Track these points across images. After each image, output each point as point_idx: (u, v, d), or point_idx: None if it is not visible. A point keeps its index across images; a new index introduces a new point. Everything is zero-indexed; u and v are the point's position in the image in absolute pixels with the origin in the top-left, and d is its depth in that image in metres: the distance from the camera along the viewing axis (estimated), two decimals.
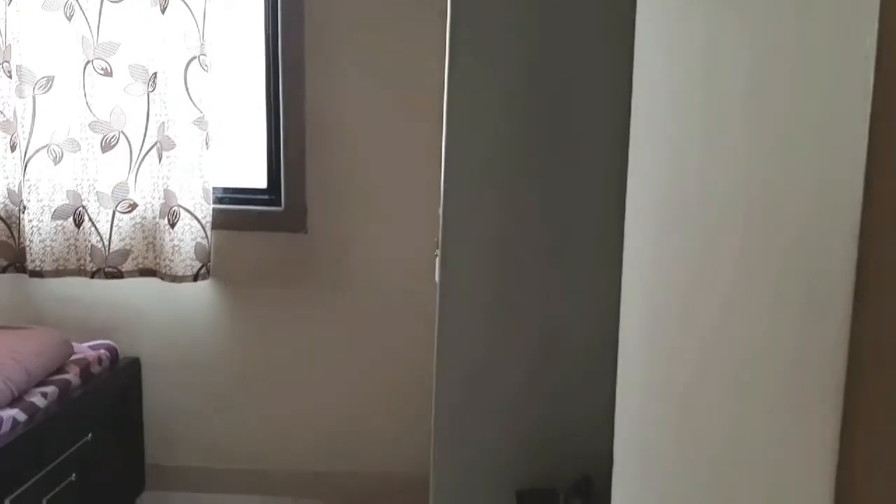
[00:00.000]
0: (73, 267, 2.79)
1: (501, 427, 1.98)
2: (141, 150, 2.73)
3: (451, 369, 1.99)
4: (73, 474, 2.49)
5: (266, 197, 2.87)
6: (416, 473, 2.68)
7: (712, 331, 0.83)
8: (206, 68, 2.67)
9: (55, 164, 2.72)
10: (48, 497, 2.35)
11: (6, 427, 2.19)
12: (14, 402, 2.30)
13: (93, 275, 2.76)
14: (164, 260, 2.73)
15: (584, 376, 1.94)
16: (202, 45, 2.66)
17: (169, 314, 2.90)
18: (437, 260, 2.01)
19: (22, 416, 2.26)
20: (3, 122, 2.72)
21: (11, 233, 2.81)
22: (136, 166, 2.73)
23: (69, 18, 2.67)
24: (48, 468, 2.35)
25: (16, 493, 2.18)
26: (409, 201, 2.79)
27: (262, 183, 2.88)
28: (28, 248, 2.75)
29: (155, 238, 2.76)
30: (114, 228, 2.75)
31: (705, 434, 0.84)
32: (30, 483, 2.25)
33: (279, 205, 2.84)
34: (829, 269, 0.55)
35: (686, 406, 0.94)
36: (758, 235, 0.70)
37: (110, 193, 2.73)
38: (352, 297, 2.85)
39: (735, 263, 0.76)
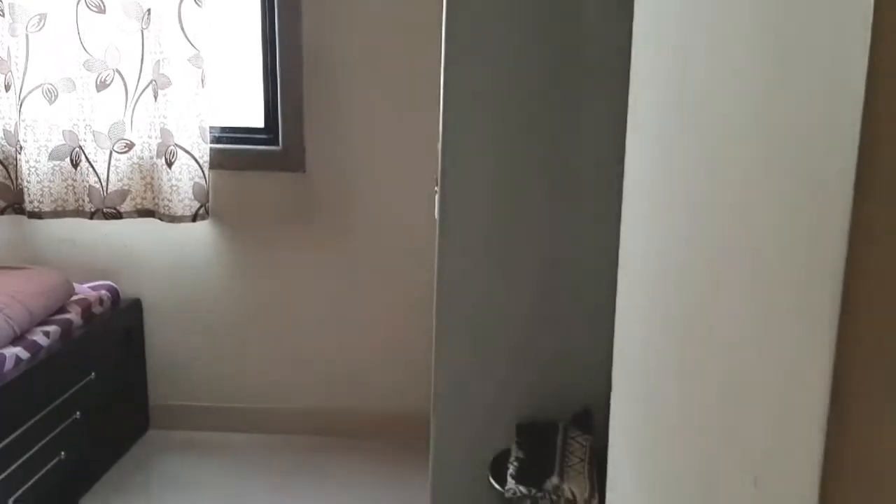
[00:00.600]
0: (71, 208, 2.78)
1: (502, 362, 1.99)
2: (136, 88, 2.69)
3: (452, 306, 1.99)
4: (78, 412, 2.51)
5: (264, 136, 2.84)
6: (418, 410, 2.70)
7: (714, 259, 0.82)
8: (199, 4, 2.62)
9: (50, 104, 2.69)
10: (53, 434, 2.38)
11: (9, 365, 2.21)
12: (16, 340, 2.31)
13: (91, 215, 2.75)
14: (162, 200, 2.72)
15: (585, 312, 1.94)
16: None
17: (169, 255, 2.90)
18: (437, 196, 2.00)
19: (24, 354, 2.28)
20: None
21: (9, 174, 2.79)
22: (132, 105, 2.70)
23: None
24: (52, 406, 2.37)
25: (20, 430, 2.21)
26: (408, 139, 2.76)
27: (259, 122, 2.85)
28: (26, 190, 2.73)
29: (153, 178, 2.74)
30: (111, 168, 2.73)
31: (707, 365, 0.84)
32: (34, 420, 2.28)
33: (277, 144, 2.82)
34: (831, 180, 0.53)
35: (687, 337, 0.94)
36: (761, 148, 0.68)
37: (107, 133, 2.71)
38: (352, 235, 2.84)
39: (739, 185, 0.75)
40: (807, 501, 0.54)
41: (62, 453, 2.42)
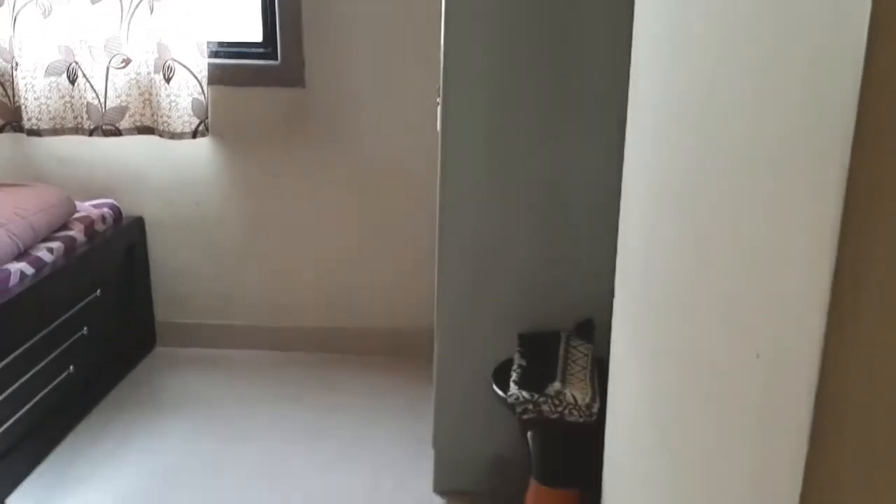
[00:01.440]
0: (70, 125, 2.75)
1: (504, 275, 2.00)
2: (131, 1, 2.63)
3: (454, 219, 1.99)
4: (85, 328, 2.54)
5: (262, 50, 2.79)
6: (422, 327, 2.73)
7: (723, 177, 0.81)
8: None
9: (45, 18, 2.64)
10: (61, 349, 2.41)
11: (14, 280, 2.22)
12: (20, 256, 2.32)
13: (91, 133, 2.73)
14: (161, 117, 2.69)
15: (587, 224, 1.94)
16: None
17: (170, 172, 2.88)
18: (439, 107, 1.97)
19: (29, 270, 2.29)
20: None
21: (5, 91, 2.75)
22: (128, 18, 2.65)
23: None
24: (59, 321, 2.40)
25: (29, 344, 2.24)
26: (409, 51, 2.71)
27: (257, 36, 2.80)
28: (24, 107, 2.70)
29: (151, 94, 2.71)
30: (109, 85, 2.69)
31: (712, 279, 0.84)
32: (42, 334, 2.30)
33: (275, 58, 2.77)
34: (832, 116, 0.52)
35: (695, 255, 0.94)
36: (768, 63, 0.67)
37: (103, 47, 2.66)
38: (353, 151, 2.82)
39: (747, 102, 0.73)
40: (811, 370, 0.55)
41: (71, 367, 2.45)
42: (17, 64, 2.67)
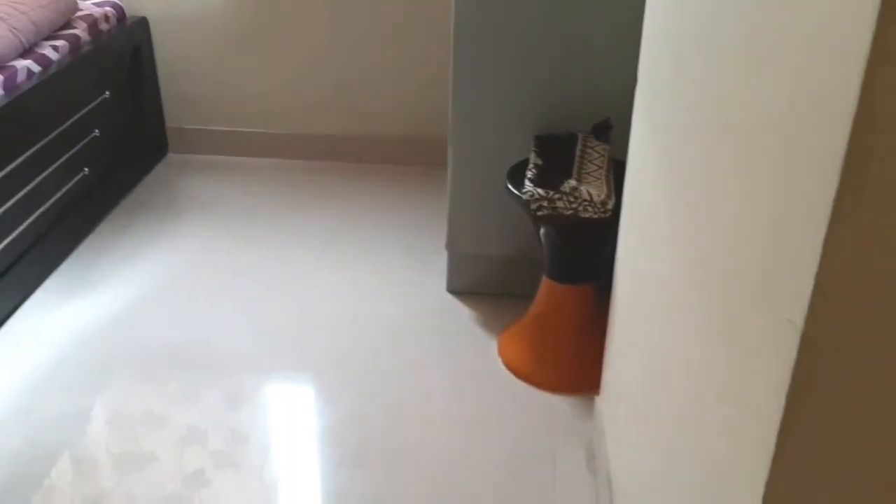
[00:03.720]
0: None
1: (520, 76, 1.94)
2: None
3: (471, 21, 1.90)
4: (97, 130, 2.52)
5: None
6: (437, 136, 2.70)
7: None
8: None
9: None
10: (75, 150, 2.40)
11: (21, 77, 2.18)
12: (25, 53, 2.26)
13: None
14: None
15: (607, 25, 1.86)
16: None
17: None
18: None
19: (36, 68, 2.24)
20: None
21: None
22: None
23: None
24: (69, 122, 2.37)
25: (42, 143, 2.23)
26: None
27: None
28: None
29: None
30: None
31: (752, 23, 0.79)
32: (54, 135, 2.29)
33: None
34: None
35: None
36: None
37: None
38: None
39: None
40: (842, 126, 0.53)
41: (85, 169, 2.46)
42: None
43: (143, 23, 2.79)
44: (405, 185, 2.81)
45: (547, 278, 1.87)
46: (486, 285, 2.21)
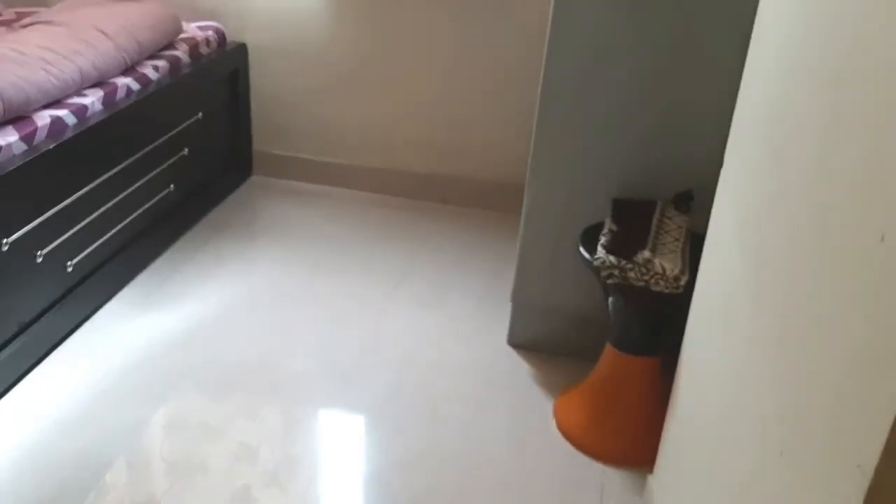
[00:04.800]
0: None
1: (605, 136, 1.92)
2: None
3: (562, 66, 1.89)
4: (186, 149, 2.60)
5: None
6: (516, 180, 2.70)
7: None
8: None
9: None
10: (164, 167, 2.48)
11: (121, 93, 2.26)
12: (127, 71, 2.35)
13: None
14: None
15: (708, 83, 1.83)
16: None
17: (275, 1, 2.84)
18: None
19: (135, 86, 2.33)
20: None
21: None
22: None
23: None
24: (163, 139, 2.46)
25: (135, 157, 2.31)
26: None
27: None
28: None
29: None
30: None
31: (846, 148, 0.77)
32: (148, 149, 2.37)
33: None
34: None
35: (830, 116, 0.86)
36: None
37: None
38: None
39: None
40: None
41: (171, 186, 2.54)
42: None
43: (242, 49, 2.88)
44: (487, 229, 2.81)
45: (611, 346, 1.84)
46: (548, 342, 2.18)
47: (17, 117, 1.95)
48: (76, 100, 2.13)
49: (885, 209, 0.61)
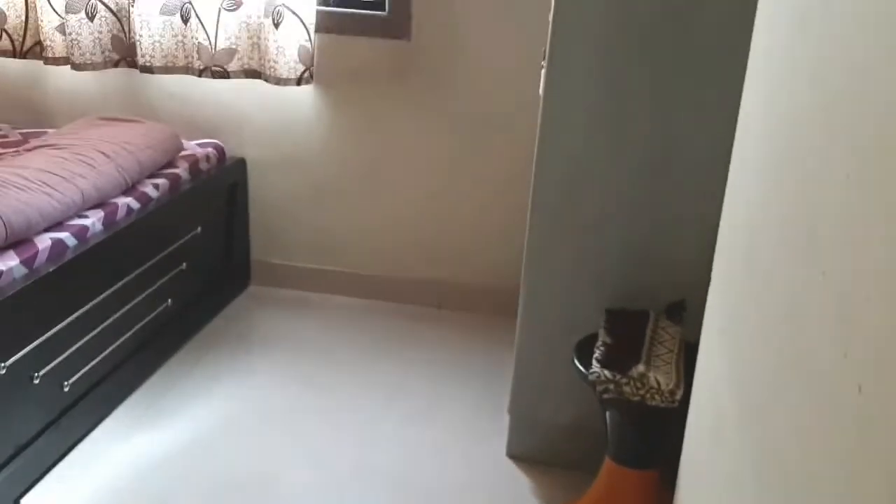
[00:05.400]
0: (181, 64, 2.82)
1: (597, 245, 1.96)
2: None
3: (549, 183, 1.95)
4: (184, 264, 2.64)
5: (370, 1, 2.78)
6: (510, 286, 2.73)
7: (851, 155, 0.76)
8: None
9: None
10: (162, 282, 2.51)
11: (121, 213, 2.31)
12: (128, 191, 2.41)
13: (200, 73, 2.79)
14: (268, 62, 2.73)
15: (687, 200, 1.88)
16: None
17: (273, 117, 2.93)
18: (543, 72, 1.93)
19: (136, 205, 2.38)
20: None
21: (122, 27, 2.84)
22: None
23: None
24: (162, 255, 2.49)
25: (133, 275, 2.34)
26: (517, 11, 2.65)
27: None
28: (138, 44, 2.78)
29: (259, 39, 2.74)
30: (220, 26, 2.74)
31: (824, 275, 0.79)
32: (145, 267, 2.40)
33: (383, 9, 2.75)
34: None
35: (806, 245, 0.89)
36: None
37: None
38: (454, 105, 2.80)
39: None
40: None
41: (169, 301, 2.56)
42: (133, 1, 2.74)
43: (241, 163, 2.95)
44: (483, 335, 2.81)
45: (609, 459, 1.82)
46: (547, 453, 2.16)
47: (17, 241, 1.99)
48: (77, 221, 2.17)
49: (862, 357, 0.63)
